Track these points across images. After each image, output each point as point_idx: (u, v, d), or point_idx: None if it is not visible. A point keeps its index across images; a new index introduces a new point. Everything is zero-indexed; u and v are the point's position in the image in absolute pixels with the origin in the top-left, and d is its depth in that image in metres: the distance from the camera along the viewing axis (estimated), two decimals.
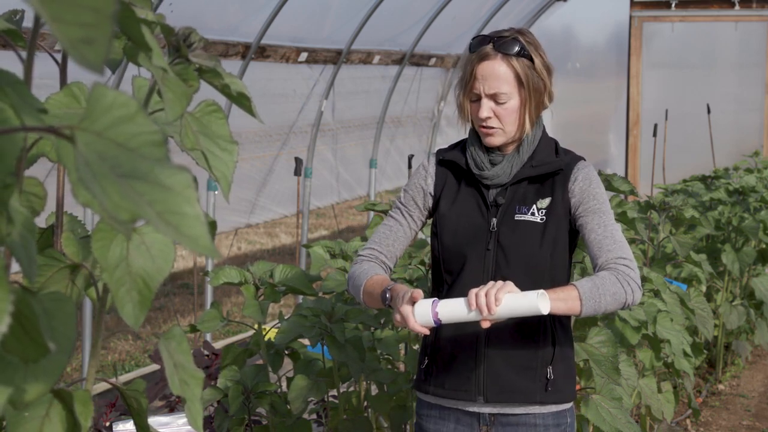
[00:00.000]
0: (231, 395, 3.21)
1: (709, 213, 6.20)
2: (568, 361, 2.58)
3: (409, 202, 2.61)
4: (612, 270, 2.40)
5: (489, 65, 2.46)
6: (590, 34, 11.36)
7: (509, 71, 2.46)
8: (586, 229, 2.47)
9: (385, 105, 8.99)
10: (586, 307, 2.35)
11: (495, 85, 2.45)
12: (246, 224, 7.92)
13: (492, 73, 2.45)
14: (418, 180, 2.62)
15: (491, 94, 2.46)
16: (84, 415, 1.12)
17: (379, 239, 2.62)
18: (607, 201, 2.52)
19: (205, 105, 1.14)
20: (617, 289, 2.38)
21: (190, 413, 1.11)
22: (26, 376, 0.89)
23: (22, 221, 0.80)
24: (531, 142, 2.54)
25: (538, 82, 2.48)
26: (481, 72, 2.46)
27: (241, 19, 6.84)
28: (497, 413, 2.54)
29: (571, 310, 2.36)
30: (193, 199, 0.78)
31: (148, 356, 6.96)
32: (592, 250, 2.45)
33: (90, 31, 0.70)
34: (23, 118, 0.83)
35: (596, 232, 2.45)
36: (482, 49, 2.47)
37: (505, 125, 2.48)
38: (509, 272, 2.46)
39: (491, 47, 2.46)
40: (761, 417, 5.90)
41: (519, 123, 2.49)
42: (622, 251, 2.43)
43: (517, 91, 2.47)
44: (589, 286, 2.36)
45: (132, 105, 0.80)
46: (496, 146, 2.53)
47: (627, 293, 2.39)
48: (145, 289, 1.05)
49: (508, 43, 2.46)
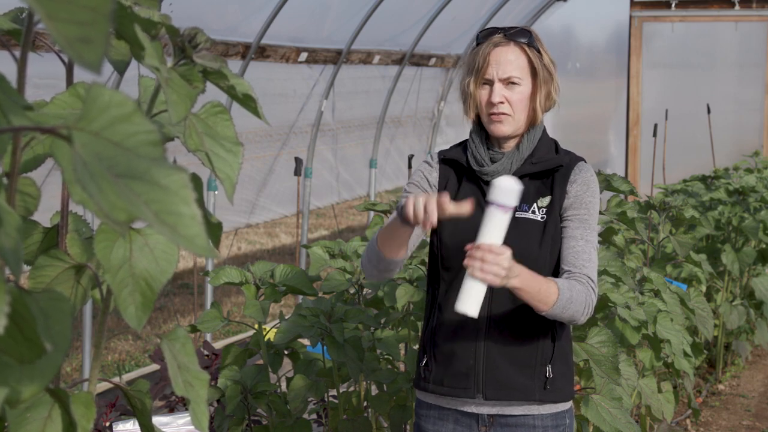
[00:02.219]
0: (228, 395, 3.20)
1: (709, 213, 6.20)
2: (566, 360, 2.59)
3: (416, 190, 2.62)
4: (584, 288, 2.44)
5: (503, 50, 2.50)
6: (590, 34, 11.36)
7: (523, 57, 2.51)
8: (567, 234, 2.51)
9: (385, 105, 8.99)
10: (553, 309, 2.38)
11: (509, 69, 2.49)
12: (246, 224, 7.92)
13: (506, 58, 2.50)
14: (424, 172, 2.63)
15: (504, 78, 2.49)
16: (86, 417, 1.12)
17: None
18: (596, 214, 2.55)
19: (210, 106, 1.14)
20: (580, 307, 2.42)
21: (195, 415, 1.11)
22: (21, 375, 0.89)
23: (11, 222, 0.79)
24: (531, 140, 2.56)
25: (546, 73, 2.52)
26: (495, 57, 2.50)
27: (241, 19, 6.83)
28: (496, 414, 2.54)
29: (539, 302, 2.35)
30: (190, 198, 0.78)
31: (148, 356, 6.96)
32: (566, 255, 2.49)
33: (87, 30, 0.70)
34: (9, 118, 0.83)
35: (576, 240, 2.49)
36: (494, 38, 2.52)
37: (515, 112, 2.51)
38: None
39: (502, 36, 2.52)
40: (761, 417, 5.90)
41: (528, 112, 2.52)
42: (593, 272, 2.48)
43: (530, 79, 2.51)
44: (567, 296, 2.39)
45: (129, 104, 0.79)
46: (503, 135, 2.53)
47: (582, 315, 2.44)
48: (148, 291, 1.05)
49: (519, 32, 2.52)
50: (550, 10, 10.42)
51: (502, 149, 2.56)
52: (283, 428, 3.33)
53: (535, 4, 10.21)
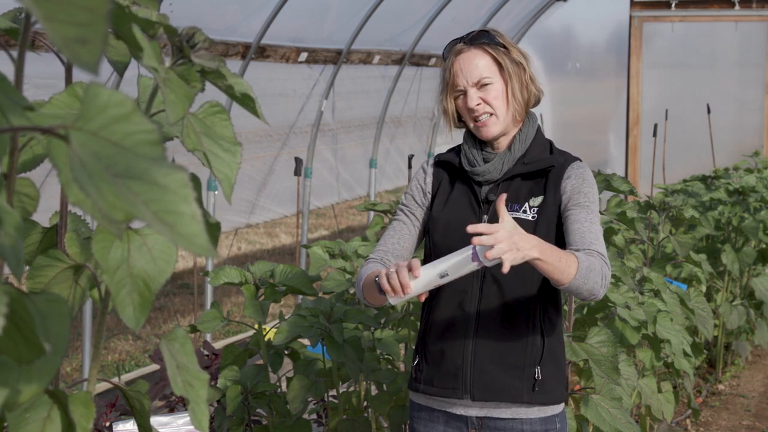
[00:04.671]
0: (229, 395, 3.20)
1: (709, 213, 6.20)
2: (557, 362, 2.57)
3: (411, 201, 2.65)
4: (597, 259, 2.39)
5: (466, 57, 2.53)
6: (590, 34, 11.35)
7: (486, 57, 2.53)
8: (569, 220, 2.47)
9: (385, 105, 8.99)
10: (575, 279, 2.31)
11: (476, 73, 2.51)
12: (246, 224, 7.91)
13: (470, 64, 2.52)
14: (418, 180, 2.67)
15: (475, 82, 2.52)
16: (85, 417, 1.11)
17: (384, 241, 2.65)
18: (596, 202, 2.52)
19: (208, 106, 1.14)
20: (599, 278, 2.37)
21: (195, 415, 1.11)
22: (19, 377, 0.89)
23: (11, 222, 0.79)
24: (523, 141, 2.57)
25: (515, 64, 2.54)
26: (459, 66, 2.53)
27: (241, 19, 6.83)
28: (485, 416, 2.54)
29: (561, 272, 2.28)
30: (190, 198, 0.77)
31: (148, 356, 6.96)
32: (573, 237, 2.44)
33: (84, 31, 0.69)
34: (9, 118, 0.82)
35: (580, 223, 2.46)
36: (455, 48, 2.56)
37: (495, 109, 2.52)
38: (499, 270, 2.46)
39: (462, 44, 2.55)
40: (761, 417, 5.89)
41: (507, 104, 2.53)
42: (603, 249, 2.44)
43: (499, 75, 2.52)
44: (586, 264, 2.33)
45: (127, 104, 0.79)
46: (493, 137, 2.54)
47: (602, 287, 2.38)
48: (146, 291, 1.05)
49: (477, 35, 2.55)
50: (550, 10, 10.42)
51: (495, 150, 2.58)
52: (283, 428, 3.33)
53: (535, 4, 10.21)
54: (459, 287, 2.49)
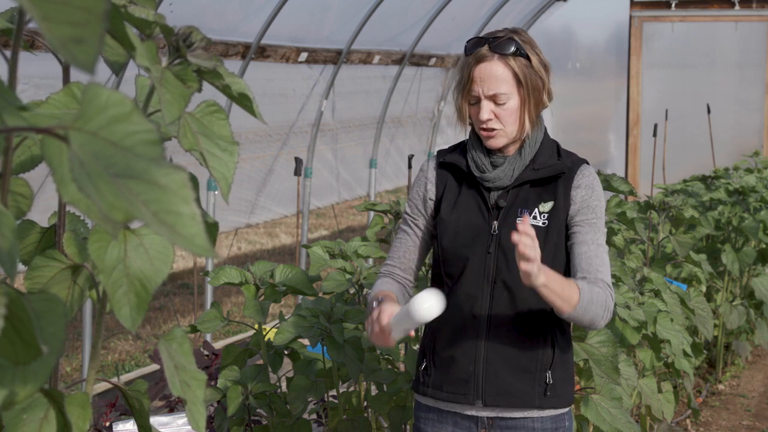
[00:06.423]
0: (229, 396, 3.20)
1: (709, 213, 6.19)
2: (567, 365, 2.57)
3: (414, 211, 2.63)
4: (602, 291, 2.41)
5: (486, 67, 2.45)
6: (590, 34, 11.35)
7: (507, 71, 2.45)
8: (577, 240, 2.47)
9: (385, 105, 8.98)
10: (575, 311, 2.35)
11: (494, 86, 2.44)
12: (246, 224, 7.91)
13: (490, 75, 2.44)
14: (418, 188, 2.63)
15: (490, 95, 2.45)
16: (82, 418, 1.11)
17: (392, 254, 2.66)
18: (603, 216, 2.52)
19: (205, 105, 1.13)
20: (600, 310, 2.40)
21: (192, 415, 1.10)
22: (14, 377, 0.88)
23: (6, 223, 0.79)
24: (533, 145, 2.53)
25: (536, 80, 2.47)
26: (478, 74, 2.45)
27: (241, 19, 6.83)
28: (495, 416, 2.53)
29: (563, 301, 2.32)
30: (190, 198, 0.77)
31: (148, 356, 6.96)
32: (579, 261, 2.45)
33: (80, 30, 0.69)
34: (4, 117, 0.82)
35: (588, 246, 2.46)
36: (478, 51, 2.46)
37: (506, 125, 2.47)
38: (509, 276, 2.45)
39: (487, 49, 2.45)
40: (761, 417, 5.89)
41: (519, 123, 2.48)
42: (608, 276, 2.45)
43: (516, 91, 2.46)
44: (588, 296, 2.36)
45: (127, 104, 0.79)
46: (498, 148, 2.52)
47: (603, 318, 2.41)
48: (142, 292, 1.04)
49: (503, 43, 2.45)
50: (550, 10, 10.42)
51: (504, 153, 2.54)
52: (283, 428, 3.32)
53: (535, 4, 10.21)
54: (469, 293, 2.48)
